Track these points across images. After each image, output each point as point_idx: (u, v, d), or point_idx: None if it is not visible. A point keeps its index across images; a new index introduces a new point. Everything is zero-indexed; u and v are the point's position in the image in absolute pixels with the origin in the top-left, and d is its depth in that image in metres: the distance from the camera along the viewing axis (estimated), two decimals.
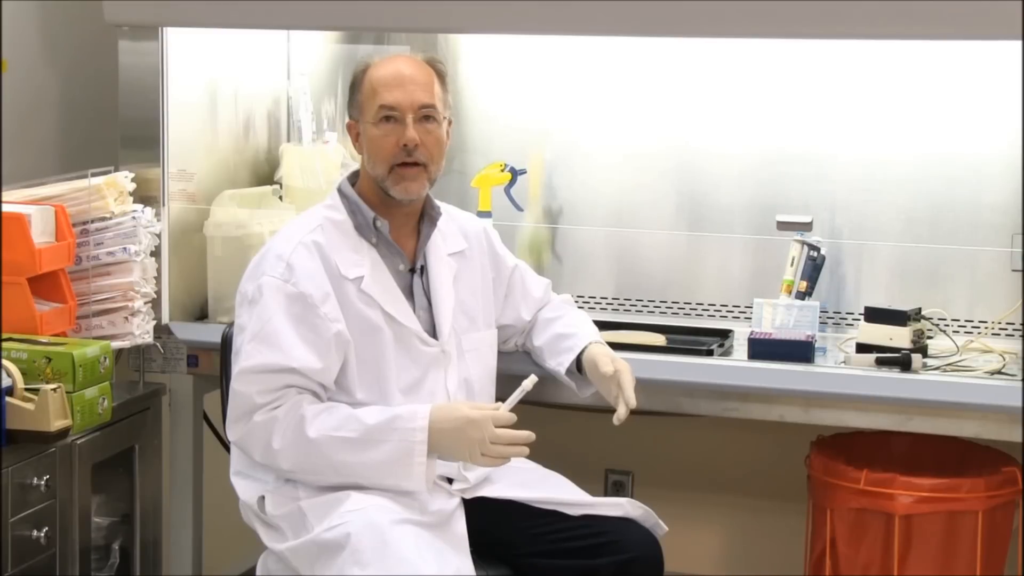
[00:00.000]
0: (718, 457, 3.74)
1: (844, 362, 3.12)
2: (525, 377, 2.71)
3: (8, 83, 3.39)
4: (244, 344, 2.74)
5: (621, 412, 2.82)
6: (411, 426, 2.67)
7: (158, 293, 3.26)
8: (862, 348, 3.13)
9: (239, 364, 2.73)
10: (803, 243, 3.29)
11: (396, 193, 2.81)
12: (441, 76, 2.85)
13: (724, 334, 3.30)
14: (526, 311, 3.07)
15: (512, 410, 2.69)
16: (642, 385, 2.88)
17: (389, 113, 2.79)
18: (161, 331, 3.30)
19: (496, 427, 2.65)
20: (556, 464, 2.98)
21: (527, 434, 2.66)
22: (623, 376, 2.85)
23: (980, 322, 3.36)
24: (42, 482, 2.79)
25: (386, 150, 2.79)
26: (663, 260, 3.60)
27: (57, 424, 2.76)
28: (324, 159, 3.52)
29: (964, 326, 3.38)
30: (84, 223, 3.14)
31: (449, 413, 2.68)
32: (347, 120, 2.90)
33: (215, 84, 3.50)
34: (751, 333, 3.16)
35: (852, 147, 3.45)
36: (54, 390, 2.75)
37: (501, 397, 2.95)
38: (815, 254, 3.28)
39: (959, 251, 3.39)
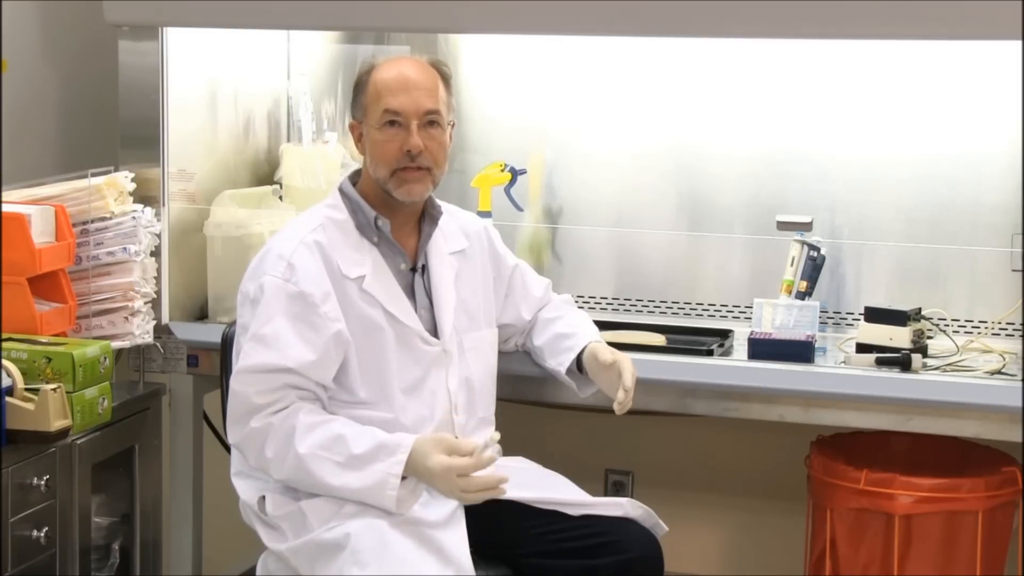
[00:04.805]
0: (718, 457, 3.73)
1: (844, 362, 3.12)
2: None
3: (8, 83, 3.39)
4: (244, 344, 2.74)
5: (620, 396, 2.81)
6: (391, 459, 2.65)
7: (158, 293, 3.26)
8: (862, 348, 3.13)
9: (238, 364, 2.73)
10: (803, 243, 3.30)
11: (399, 195, 2.80)
12: (446, 79, 2.84)
13: (724, 334, 3.29)
14: (526, 311, 3.07)
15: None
16: (642, 385, 2.88)
17: (394, 118, 2.78)
18: (161, 331, 3.30)
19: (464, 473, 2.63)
20: (556, 464, 2.98)
21: (499, 477, 2.64)
22: (623, 364, 2.85)
23: (980, 322, 3.36)
24: (42, 482, 2.79)
25: (389, 154, 2.78)
26: (663, 260, 3.60)
27: (57, 424, 2.76)
28: (324, 159, 3.52)
29: (964, 326, 3.37)
30: (84, 223, 3.13)
31: (428, 449, 2.65)
32: (350, 120, 2.90)
33: (215, 84, 3.50)
34: (751, 333, 3.16)
35: (852, 147, 3.45)
36: (54, 390, 2.75)
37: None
38: (815, 254, 3.28)
39: (959, 251, 3.39)
